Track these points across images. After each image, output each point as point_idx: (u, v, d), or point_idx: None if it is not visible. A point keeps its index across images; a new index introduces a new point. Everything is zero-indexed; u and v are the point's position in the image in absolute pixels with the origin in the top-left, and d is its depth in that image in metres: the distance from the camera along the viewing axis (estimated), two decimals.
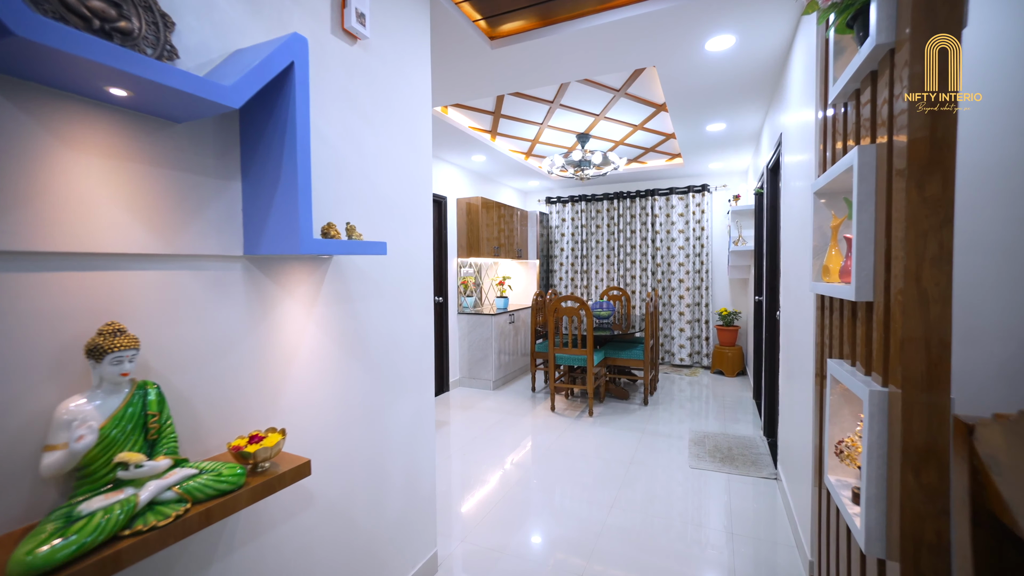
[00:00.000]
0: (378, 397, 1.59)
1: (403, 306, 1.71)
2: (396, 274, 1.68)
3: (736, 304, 5.66)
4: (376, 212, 1.56)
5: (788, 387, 2.43)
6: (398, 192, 1.68)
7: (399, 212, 1.69)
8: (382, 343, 1.60)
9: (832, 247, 1.47)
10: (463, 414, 4.10)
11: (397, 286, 1.68)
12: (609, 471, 2.89)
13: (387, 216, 1.62)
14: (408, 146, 1.74)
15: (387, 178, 1.62)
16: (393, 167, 1.65)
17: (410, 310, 1.75)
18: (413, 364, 1.77)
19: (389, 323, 1.64)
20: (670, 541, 2.17)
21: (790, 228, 2.37)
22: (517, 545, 2.15)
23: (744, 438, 3.38)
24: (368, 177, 1.52)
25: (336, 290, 1.40)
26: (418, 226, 1.80)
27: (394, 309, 1.66)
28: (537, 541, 2.20)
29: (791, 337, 2.33)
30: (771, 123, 3.21)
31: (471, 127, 4.00)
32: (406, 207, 1.73)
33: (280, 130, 1.02)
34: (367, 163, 1.52)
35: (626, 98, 3.37)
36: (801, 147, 2.10)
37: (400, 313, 1.70)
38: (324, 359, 1.36)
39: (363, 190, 1.50)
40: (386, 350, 1.62)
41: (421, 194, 1.82)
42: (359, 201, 1.48)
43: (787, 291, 2.45)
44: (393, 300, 1.66)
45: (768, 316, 3.35)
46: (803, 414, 2.01)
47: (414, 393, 1.78)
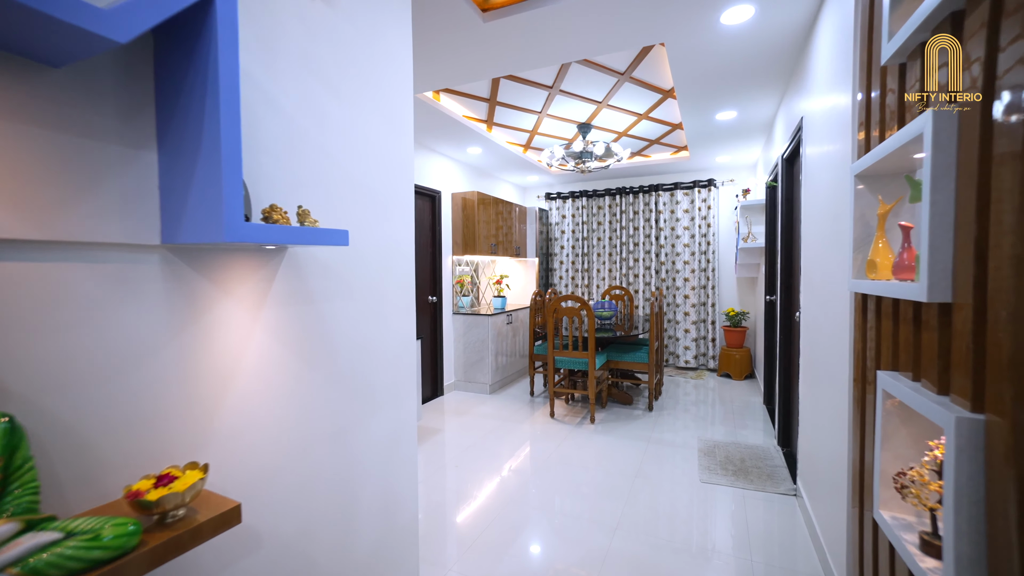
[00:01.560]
0: (346, 414, 1.36)
1: (378, 308, 1.49)
2: (369, 270, 1.45)
3: (744, 304, 5.43)
4: (343, 198, 1.33)
5: (811, 395, 2.20)
6: (372, 176, 1.45)
7: (373, 199, 1.46)
8: (351, 351, 1.38)
9: (879, 238, 1.24)
10: (458, 420, 3.88)
11: (371, 284, 1.46)
12: (613, 485, 2.67)
13: (358, 203, 1.39)
14: (385, 125, 1.51)
15: (358, 159, 1.39)
16: (366, 147, 1.43)
17: (387, 312, 1.53)
18: (390, 374, 1.55)
19: (360, 328, 1.41)
20: (682, 571, 1.94)
21: (813, 220, 2.14)
22: (511, 575, 1.93)
23: (757, 448, 3.15)
24: (333, 157, 1.30)
25: (292, 289, 1.18)
26: (398, 216, 1.58)
27: (367, 311, 1.44)
28: (534, 570, 1.97)
29: (815, 341, 2.10)
30: (787, 110, 2.98)
31: (465, 116, 3.77)
32: (382, 194, 1.50)
33: (200, 83, 0.80)
34: (332, 140, 1.29)
35: (631, 83, 3.15)
36: (830, 130, 1.87)
37: (374, 316, 1.47)
38: (277, 371, 1.14)
39: (327, 171, 1.27)
40: (356, 359, 1.40)
41: (401, 180, 1.59)
42: (322, 184, 1.25)
43: (809, 290, 2.22)
44: (365, 301, 1.43)
45: (783, 317, 3.12)
46: (832, 428, 1.78)
47: (391, 408, 1.55)
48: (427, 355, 4.47)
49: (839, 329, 1.68)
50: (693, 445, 3.25)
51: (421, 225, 4.41)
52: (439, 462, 3.05)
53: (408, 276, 1.65)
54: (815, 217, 2.11)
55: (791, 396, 3.05)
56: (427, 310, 4.49)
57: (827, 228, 1.87)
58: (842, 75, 1.69)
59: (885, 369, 1.19)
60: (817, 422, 2.06)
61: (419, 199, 4.37)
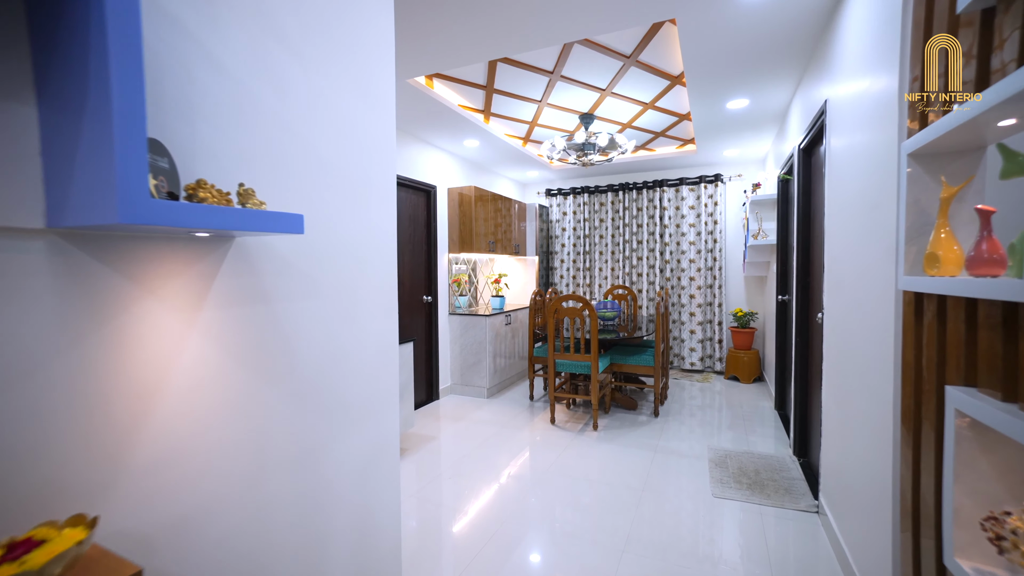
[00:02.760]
0: (312, 434, 1.16)
1: (352, 309, 1.29)
2: (341, 265, 1.25)
3: (752, 304, 5.23)
4: (308, 180, 1.13)
5: (838, 405, 2.00)
6: (345, 157, 1.26)
7: (346, 184, 1.26)
8: (318, 360, 1.18)
9: (940, 227, 1.04)
10: (454, 426, 3.68)
11: (343, 282, 1.26)
12: (618, 500, 2.47)
13: (327, 187, 1.20)
14: (362, 99, 1.31)
15: (327, 137, 1.20)
16: (336, 123, 1.23)
17: (363, 314, 1.33)
18: (366, 386, 1.35)
19: (330, 332, 1.21)
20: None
21: (842, 212, 1.94)
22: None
23: (772, 458, 2.95)
24: (295, 132, 1.10)
25: (241, 287, 0.98)
26: (376, 205, 1.38)
27: (338, 313, 1.24)
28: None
29: (844, 346, 1.90)
30: (805, 96, 2.78)
31: (461, 105, 3.57)
32: (358, 178, 1.30)
33: (83, 11, 0.60)
34: (294, 112, 1.10)
35: (637, 68, 2.94)
36: (865, 111, 1.67)
37: (347, 318, 1.27)
38: (220, 386, 0.94)
39: (287, 148, 1.08)
40: (325, 369, 1.20)
41: (380, 164, 1.39)
42: (281, 162, 1.06)
43: (837, 289, 2.02)
44: (336, 301, 1.24)
45: (800, 318, 2.92)
46: (869, 443, 1.58)
47: (368, 423, 1.35)
48: (422, 357, 4.28)
49: (879, 333, 1.48)
50: (703, 455, 3.05)
51: (416, 221, 4.21)
52: (433, 472, 2.85)
53: (389, 273, 1.45)
54: (845, 208, 1.91)
55: (809, 403, 2.85)
56: (422, 310, 4.29)
57: (862, 220, 1.67)
58: (884, 47, 1.48)
59: (954, 383, 0.99)
60: (847, 435, 1.86)
61: (413, 194, 4.17)
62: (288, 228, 0.85)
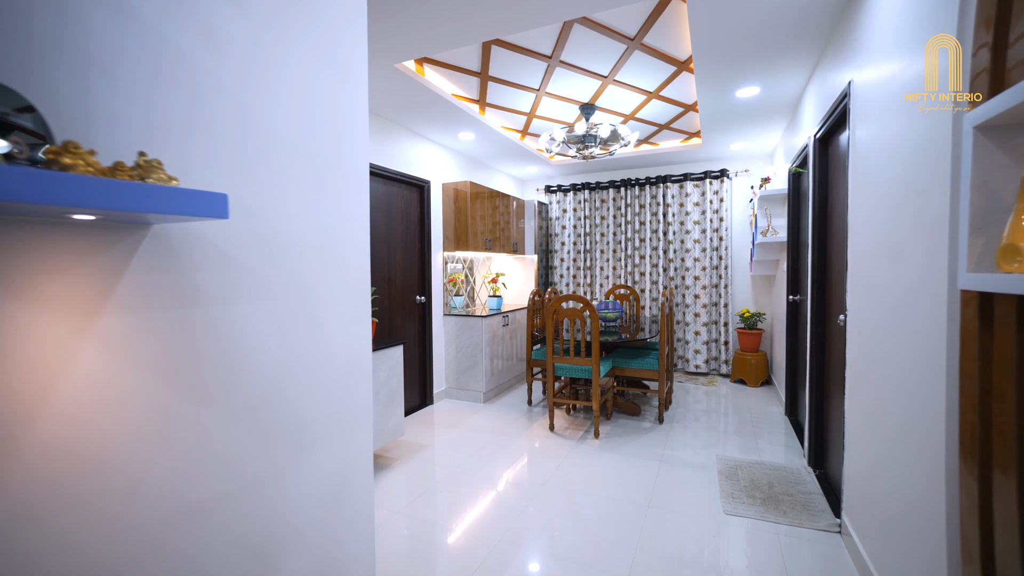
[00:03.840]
0: (260, 459, 0.97)
1: (313, 312, 1.10)
2: (300, 261, 1.06)
3: (759, 304, 5.04)
4: (251, 157, 0.94)
5: (865, 415, 1.81)
6: (302, 134, 1.07)
7: (304, 165, 1.07)
8: (269, 373, 0.99)
9: (1021, 212, 0.85)
10: (447, 434, 3.49)
11: (302, 280, 1.07)
12: (622, 518, 2.28)
13: (279, 168, 1.01)
14: (326, 68, 1.12)
15: (280, 108, 1.01)
16: (293, 93, 1.04)
17: (327, 319, 1.14)
18: (333, 400, 1.16)
19: (284, 339, 1.02)
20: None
21: (872, 203, 1.75)
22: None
23: (785, 470, 2.76)
24: (236, 97, 0.91)
25: (160, 287, 0.79)
26: (344, 191, 1.19)
27: (295, 317, 1.05)
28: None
29: (874, 351, 1.71)
30: (823, 81, 2.58)
31: (455, 95, 3.38)
32: (320, 160, 1.11)
33: None
34: (233, 74, 0.91)
35: (642, 51, 2.75)
36: (902, 89, 1.48)
37: (306, 323, 1.08)
38: (129, 409, 0.75)
39: (223, 117, 0.89)
40: (278, 383, 1.01)
41: (350, 145, 1.20)
42: (213, 133, 0.87)
43: (864, 288, 1.83)
44: (293, 302, 1.05)
45: (816, 320, 2.72)
46: (908, 463, 1.39)
47: (335, 444, 1.16)
48: (414, 360, 4.09)
49: (924, 340, 1.29)
50: (712, 465, 2.85)
51: (408, 218, 4.02)
52: (424, 485, 2.66)
53: (360, 271, 1.26)
54: (875, 199, 1.72)
55: (826, 411, 2.66)
56: (415, 311, 4.10)
57: (900, 210, 1.47)
58: (934, 13, 1.29)
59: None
60: (878, 450, 1.67)
61: (406, 189, 3.98)
62: (203, 210, 0.66)
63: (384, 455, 3.07)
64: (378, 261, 3.66)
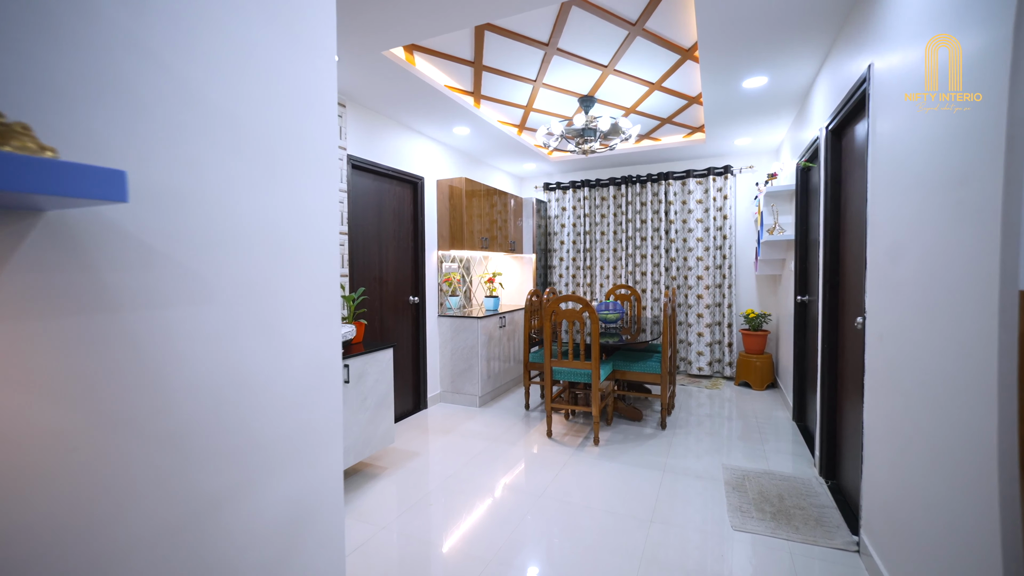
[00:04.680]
0: (199, 490, 0.83)
1: (268, 317, 0.95)
2: (251, 259, 0.91)
3: (764, 305, 4.89)
4: (177, 130, 0.79)
5: (889, 426, 1.66)
6: (251, 109, 0.92)
7: (255, 146, 0.92)
8: (209, 388, 0.84)
9: None
10: (441, 440, 3.34)
11: (252, 281, 0.92)
12: (623, 534, 2.13)
13: (224, 148, 0.86)
14: (280, 33, 0.98)
15: (215, 75, 0.86)
16: (236, 59, 0.89)
17: (285, 324, 0.99)
18: (292, 417, 1.01)
19: (229, 349, 0.88)
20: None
21: (897, 195, 1.60)
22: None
23: (795, 480, 2.61)
24: (158, 58, 0.76)
25: (55, 288, 0.64)
26: (309, 179, 1.04)
27: (244, 323, 0.90)
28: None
29: (899, 357, 1.56)
30: (836, 69, 2.43)
31: (448, 86, 3.23)
32: (276, 141, 0.97)
33: None
34: (152, 30, 0.76)
35: (644, 38, 2.60)
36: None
37: (260, 330, 0.93)
38: (12, 443, 0.60)
39: (139, 79, 0.74)
40: (221, 400, 0.86)
41: (314, 125, 1.06)
42: (125, 99, 0.72)
43: (887, 288, 1.68)
44: (241, 306, 0.90)
45: (828, 322, 2.57)
46: (947, 482, 1.24)
47: (295, 466, 1.02)
48: (408, 363, 3.94)
49: (970, 347, 1.14)
50: (718, 475, 2.70)
51: (401, 216, 3.87)
52: (414, 496, 2.51)
53: (327, 269, 1.11)
54: (903, 191, 1.57)
55: (839, 418, 2.51)
56: (408, 312, 3.95)
57: (935, 201, 1.32)
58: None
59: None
60: (905, 465, 1.52)
61: (398, 186, 3.83)
62: (87, 190, 0.51)
63: (373, 463, 2.93)
64: (368, 260, 3.51)
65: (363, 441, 2.68)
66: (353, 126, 3.27)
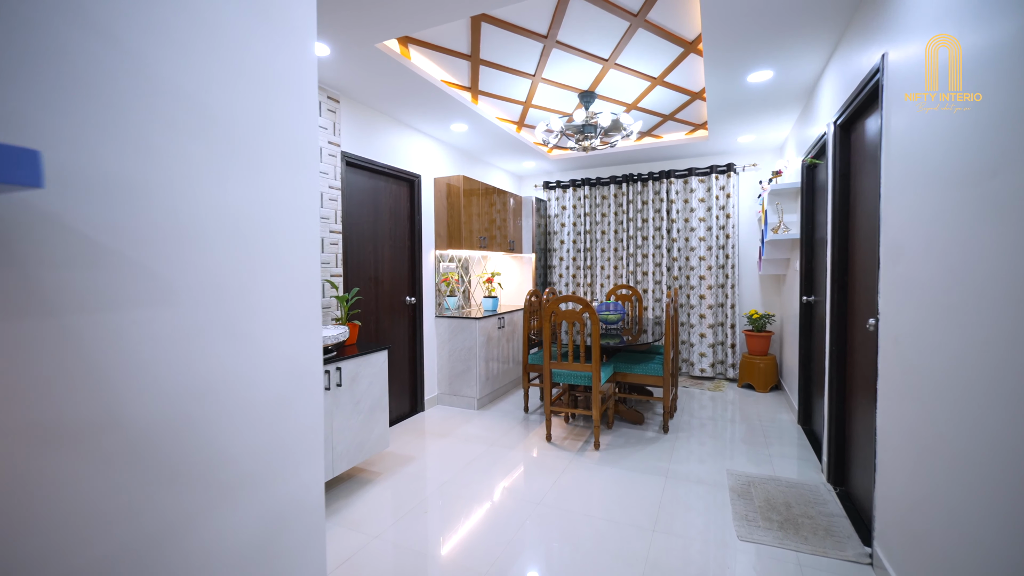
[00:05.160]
0: (160, 510, 0.75)
1: (237, 321, 0.87)
2: (213, 255, 0.83)
3: (768, 305, 4.80)
4: (128, 112, 0.71)
5: (906, 434, 1.57)
6: (213, 91, 0.84)
7: (218, 130, 0.84)
8: (167, 399, 0.76)
9: None
10: (438, 444, 3.26)
11: (217, 280, 0.84)
12: (625, 545, 2.04)
13: (173, 130, 0.78)
14: (249, 4, 0.89)
15: (171, 50, 0.78)
16: (198, 35, 0.81)
17: (257, 328, 0.91)
18: (266, 430, 0.93)
19: (191, 356, 0.80)
20: None
21: (916, 190, 1.51)
22: None
23: (802, 487, 2.53)
24: (103, 27, 0.68)
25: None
26: (282, 169, 0.96)
27: (206, 328, 0.82)
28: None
29: (918, 361, 1.48)
30: (846, 61, 2.35)
31: (445, 81, 3.15)
32: (244, 126, 0.89)
33: None
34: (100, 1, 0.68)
35: (646, 30, 2.52)
36: (956, 57, 1.24)
37: (224, 335, 0.85)
38: None
39: (77, 51, 0.66)
40: (182, 413, 0.78)
41: (289, 111, 0.98)
42: (60, 74, 0.64)
43: (903, 289, 1.60)
44: (202, 309, 0.82)
45: (837, 324, 2.49)
46: (972, 494, 1.16)
47: (268, 485, 0.94)
48: (404, 365, 3.86)
49: (996, 349, 1.05)
50: (722, 481, 2.62)
51: (397, 215, 3.79)
52: (408, 504, 2.43)
53: (307, 268, 1.03)
54: (922, 184, 1.48)
55: (847, 423, 2.42)
56: (404, 313, 3.87)
57: (961, 196, 1.24)
58: None
59: None
60: (927, 477, 1.44)
61: (394, 184, 3.75)
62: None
63: (367, 468, 2.85)
64: (363, 260, 3.43)
65: (356, 446, 2.60)
66: (347, 122, 3.19)
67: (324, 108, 2.98)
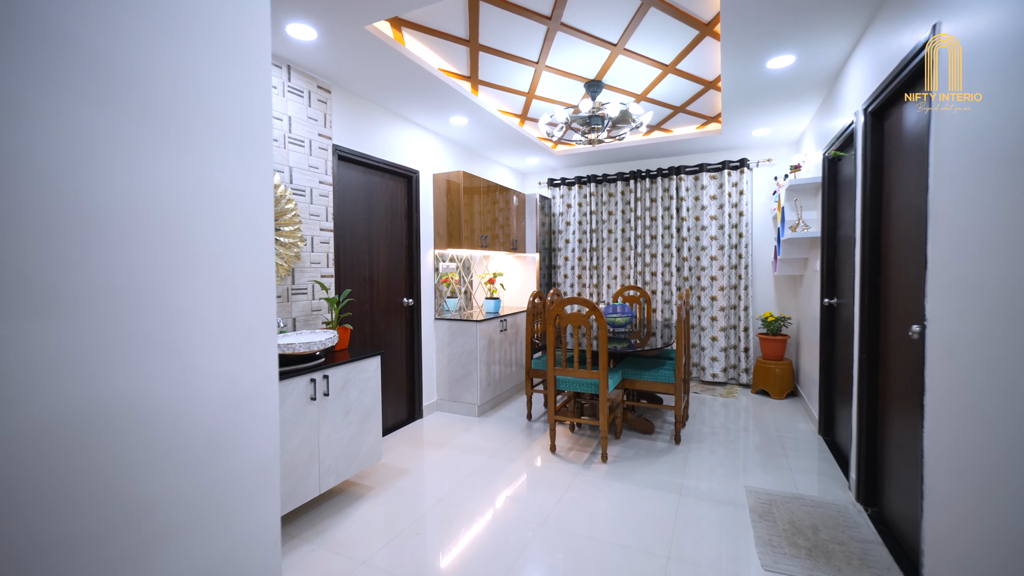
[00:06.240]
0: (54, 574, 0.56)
1: (155, 333, 0.69)
2: (123, 254, 0.65)
3: (783, 308, 4.58)
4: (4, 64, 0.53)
5: (963, 458, 1.37)
6: (126, 46, 0.65)
7: (134, 96, 0.66)
8: (55, 435, 0.58)
9: None
10: (435, 455, 3.08)
11: (131, 283, 0.66)
12: (636, 574, 1.85)
13: (72, 93, 0.59)
14: None
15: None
16: None
17: (184, 343, 0.73)
18: (201, 468, 0.75)
19: (89, 380, 0.61)
20: None
21: (979, 179, 1.31)
22: None
23: (830, 507, 2.32)
24: None
25: None
26: (223, 147, 0.78)
27: (113, 343, 0.64)
28: None
29: (980, 376, 1.27)
30: (879, 41, 2.14)
31: (443, 70, 2.97)
32: (168, 92, 0.70)
33: None
34: None
35: (658, 9, 2.32)
36: None
37: (141, 351, 0.67)
38: None
39: None
40: (75, 451, 0.60)
41: (233, 77, 0.79)
42: None
43: (961, 293, 1.39)
44: (108, 321, 0.64)
45: (868, 329, 2.28)
46: None
47: (211, 530, 0.75)
48: (401, 370, 3.68)
49: None
50: (741, 500, 2.42)
51: (393, 212, 3.61)
52: (399, 523, 2.25)
53: (258, 268, 0.84)
54: (986, 172, 1.28)
55: (880, 437, 2.21)
56: (401, 315, 3.69)
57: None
58: None
59: None
60: (1004, 515, 1.23)
61: (391, 179, 3.57)
62: None
63: (358, 482, 2.66)
64: (357, 259, 3.25)
65: (346, 459, 2.42)
66: (339, 114, 3.02)
67: (314, 99, 2.80)
